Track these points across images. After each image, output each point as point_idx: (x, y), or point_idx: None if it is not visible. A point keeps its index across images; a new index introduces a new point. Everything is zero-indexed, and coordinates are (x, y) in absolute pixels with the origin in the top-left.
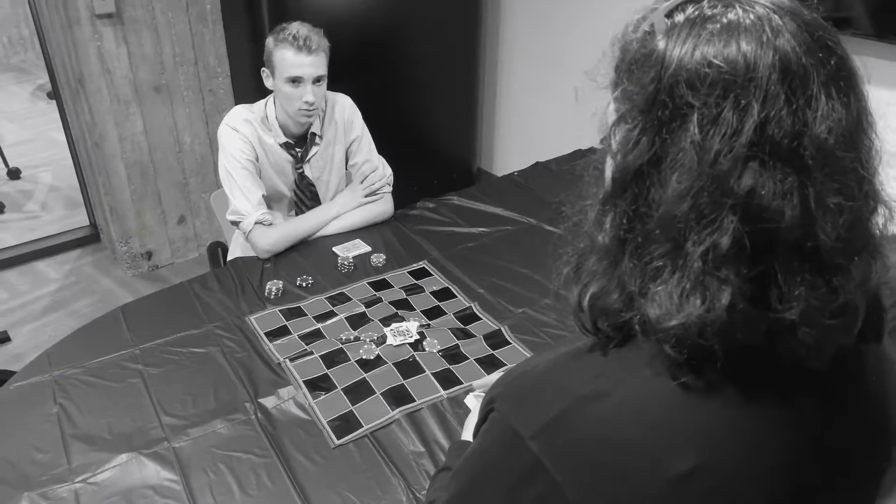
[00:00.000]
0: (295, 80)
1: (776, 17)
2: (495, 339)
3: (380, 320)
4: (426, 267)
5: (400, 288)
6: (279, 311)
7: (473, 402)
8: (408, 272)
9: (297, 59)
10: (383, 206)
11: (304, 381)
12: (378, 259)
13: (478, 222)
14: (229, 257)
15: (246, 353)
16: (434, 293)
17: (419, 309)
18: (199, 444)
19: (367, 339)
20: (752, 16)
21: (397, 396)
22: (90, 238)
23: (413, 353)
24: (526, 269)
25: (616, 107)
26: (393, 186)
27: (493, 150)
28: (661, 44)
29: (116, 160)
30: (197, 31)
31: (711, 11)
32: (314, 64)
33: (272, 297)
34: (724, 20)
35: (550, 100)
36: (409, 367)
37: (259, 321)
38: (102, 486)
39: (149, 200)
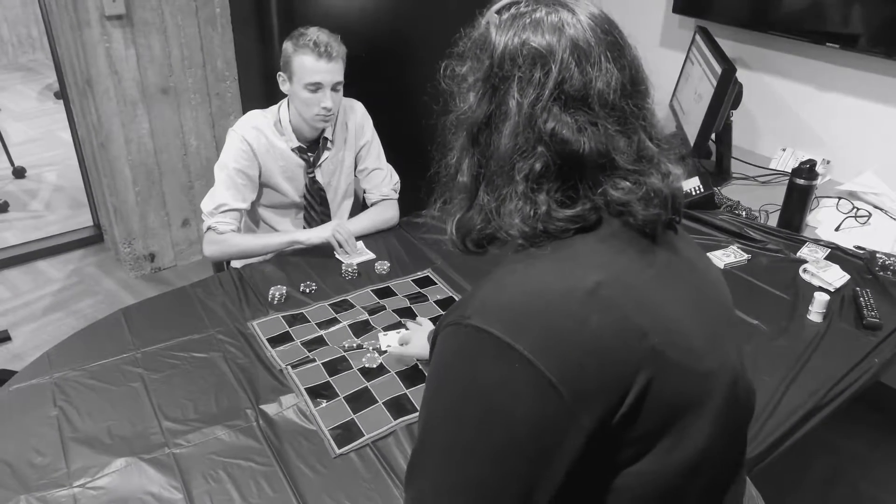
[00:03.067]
0: (314, 86)
1: (570, 15)
2: None
3: (383, 328)
4: (430, 276)
5: (404, 296)
6: (282, 317)
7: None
8: (412, 280)
9: (317, 65)
10: (389, 213)
11: (305, 389)
12: (382, 266)
13: None
14: (233, 262)
15: (248, 359)
16: (438, 302)
17: (423, 318)
18: (200, 451)
19: (370, 348)
20: (553, 16)
21: (399, 406)
22: (93, 239)
23: (416, 361)
24: None
25: (467, 79)
26: (399, 193)
27: None
28: (493, 32)
29: (122, 161)
30: (206, 34)
31: (526, 9)
32: (333, 70)
33: (275, 302)
34: (535, 16)
35: None
36: (411, 377)
37: (261, 327)
38: (101, 492)
39: (153, 202)
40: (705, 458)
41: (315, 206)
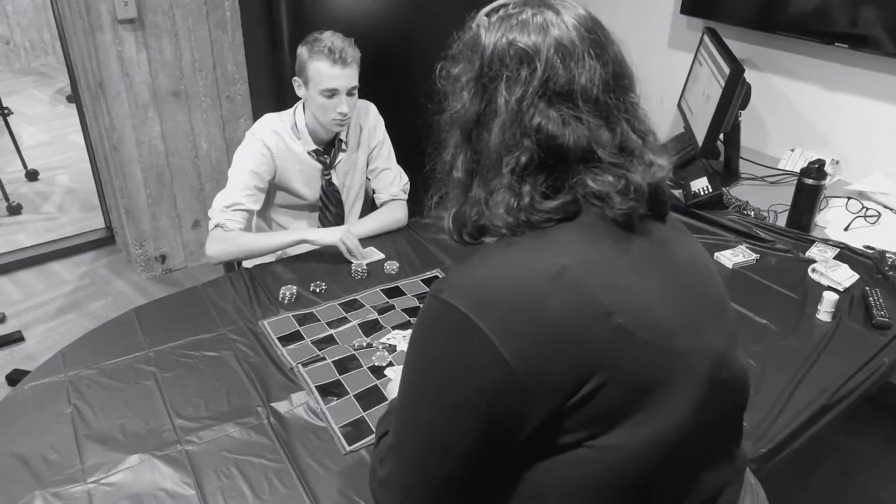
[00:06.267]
0: (330, 92)
1: (555, 16)
2: None
3: (392, 328)
4: (439, 275)
5: (413, 296)
6: (292, 316)
7: (394, 374)
8: (421, 280)
9: (332, 71)
10: (398, 214)
11: (316, 387)
12: (391, 267)
13: None
14: (244, 262)
15: (259, 357)
16: None
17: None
18: (212, 448)
19: (380, 347)
20: (538, 17)
21: None
22: (105, 240)
23: None
24: None
25: (460, 79)
26: (408, 194)
27: None
28: (483, 34)
29: (133, 164)
30: (216, 37)
31: (513, 11)
32: (349, 76)
33: (285, 302)
34: (522, 18)
35: None
36: None
37: (272, 326)
38: (115, 488)
39: (164, 204)
40: (681, 442)
41: (330, 208)
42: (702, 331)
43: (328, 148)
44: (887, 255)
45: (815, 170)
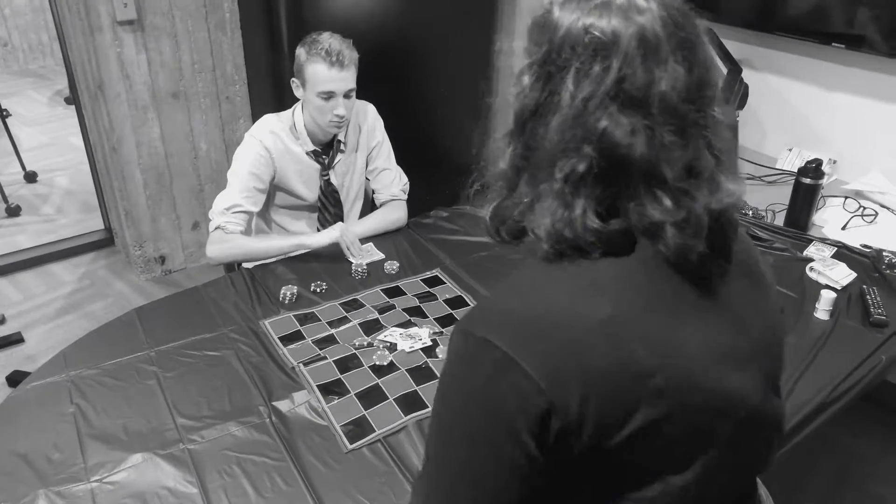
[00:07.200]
0: (327, 95)
1: (643, 1)
2: None
3: (393, 327)
4: (439, 275)
5: (413, 295)
6: (293, 316)
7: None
8: (421, 280)
9: (329, 74)
10: (398, 214)
11: (317, 386)
12: (391, 266)
13: None
14: (244, 263)
15: (260, 357)
16: (447, 301)
17: (432, 317)
18: (214, 446)
19: (381, 346)
20: None
21: (410, 402)
22: (105, 242)
23: (426, 359)
24: None
25: (524, 61)
26: (407, 195)
27: None
28: (555, 14)
29: (133, 165)
30: (216, 39)
31: None
32: (346, 79)
33: (286, 301)
34: None
35: None
36: (421, 374)
37: (273, 326)
38: (118, 486)
39: (164, 206)
40: (710, 483)
41: (329, 208)
42: (737, 384)
43: (326, 149)
44: (884, 253)
45: (813, 169)
